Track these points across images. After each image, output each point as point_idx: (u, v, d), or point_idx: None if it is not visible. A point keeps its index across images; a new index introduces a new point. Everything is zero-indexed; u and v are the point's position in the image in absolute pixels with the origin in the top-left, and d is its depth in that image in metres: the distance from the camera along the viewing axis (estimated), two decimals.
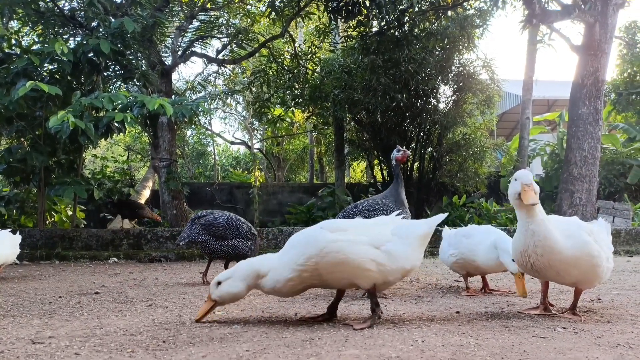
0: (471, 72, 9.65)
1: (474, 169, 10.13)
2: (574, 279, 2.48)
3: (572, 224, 2.51)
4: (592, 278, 2.48)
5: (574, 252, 2.38)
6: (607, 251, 2.54)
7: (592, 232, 2.47)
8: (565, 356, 1.75)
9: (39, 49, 6.51)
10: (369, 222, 2.48)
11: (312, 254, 2.28)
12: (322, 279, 2.33)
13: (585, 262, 2.39)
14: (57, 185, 6.58)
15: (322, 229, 2.35)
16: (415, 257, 2.38)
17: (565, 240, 2.39)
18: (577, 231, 2.43)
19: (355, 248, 2.28)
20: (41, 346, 1.94)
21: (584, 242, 2.40)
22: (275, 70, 10.88)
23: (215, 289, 2.36)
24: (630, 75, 15.06)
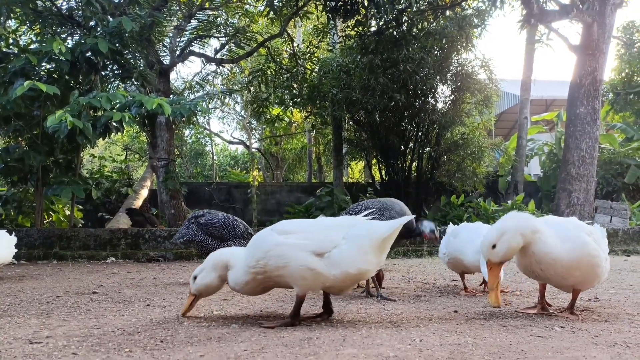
0: (469, 71, 9.66)
1: (472, 169, 10.14)
2: (576, 280, 2.46)
3: (570, 225, 2.47)
4: (592, 278, 2.45)
5: (574, 255, 2.35)
6: (606, 251, 2.53)
7: (591, 232, 2.46)
8: (562, 355, 1.76)
9: (37, 48, 6.49)
10: (320, 225, 2.39)
11: (259, 257, 2.30)
12: (275, 281, 2.34)
13: (586, 263, 2.36)
14: (54, 185, 6.57)
15: (272, 231, 2.37)
16: (369, 261, 2.28)
17: (564, 246, 2.36)
18: (575, 232, 2.39)
19: (296, 254, 2.26)
20: (39, 346, 1.94)
21: (584, 243, 2.36)
22: (273, 69, 10.87)
23: (192, 283, 2.45)
24: (628, 75, 15.10)
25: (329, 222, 2.43)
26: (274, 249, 2.29)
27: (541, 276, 2.45)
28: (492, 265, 2.36)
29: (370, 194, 10.87)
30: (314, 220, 2.49)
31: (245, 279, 2.34)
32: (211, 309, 2.79)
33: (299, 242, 2.28)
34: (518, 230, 2.33)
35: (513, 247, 2.34)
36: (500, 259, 2.35)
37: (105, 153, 17.04)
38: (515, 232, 2.33)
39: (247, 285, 2.37)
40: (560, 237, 2.38)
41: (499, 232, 2.34)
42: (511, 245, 2.33)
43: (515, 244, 2.33)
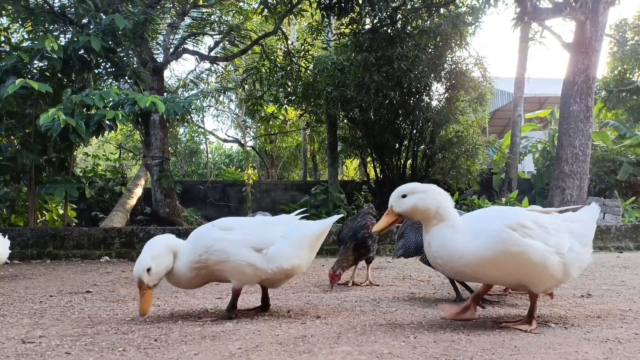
0: (463, 69, 9.69)
1: (467, 166, 10.18)
2: (507, 280, 2.21)
3: (488, 218, 2.19)
4: (536, 278, 2.13)
5: (483, 253, 2.06)
6: (562, 243, 2.17)
7: (522, 224, 2.12)
8: (555, 351, 1.77)
9: (29, 46, 6.44)
10: (258, 222, 2.52)
11: (201, 251, 2.36)
12: (216, 275, 2.41)
13: (508, 260, 2.07)
14: (48, 184, 6.52)
15: (214, 227, 2.44)
16: (302, 258, 2.45)
17: (471, 242, 2.09)
18: (489, 227, 2.10)
19: (236, 249, 2.36)
20: (31, 345, 1.93)
21: (499, 239, 2.06)
22: (268, 67, 10.85)
23: (147, 276, 2.30)
24: (621, 73, 15.20)
25: (267, 220, 2.57)
26: (215, 244, 2.36)
27: (450, 272, 2.20)
28: (391, 212, 2.24)
29: (365, 192, 10.89)
30: (254, 218, 2.62)
31: (190, 275, 2.38)
32: (205, 307, 2.79)
33: (240, 239, 2.39)
34: (432, 195, 2.17)
35: (417, 207, 2.16)
36: (403, 210, 2.19)
37: (98, 151, 16.96)
38: (428, 196, 2.16)
39: (192, 280, 2.41)
40: (473, 232, 2.12)
41: (416, 185, 2.23)
42: (417, 205, 2.16)
43: (422, 206, 2.16)
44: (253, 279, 2.41)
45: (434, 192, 2.19)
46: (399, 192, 2.21)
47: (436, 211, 2.14)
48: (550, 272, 2.12)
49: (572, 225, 2.28)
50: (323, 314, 2.53)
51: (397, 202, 2.21)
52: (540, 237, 2.13)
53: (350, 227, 3.53)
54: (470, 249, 2.08)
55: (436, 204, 2.15)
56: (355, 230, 3.46)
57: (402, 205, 2.19)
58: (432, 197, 2.16)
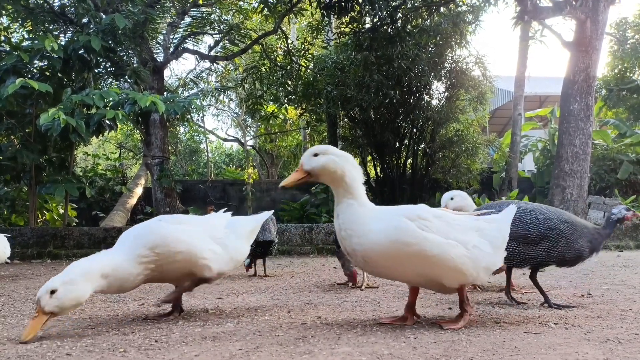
0: (464, 68, 9.68)
1: (467, 165, 10.17)
2: (412, 275, 2.14)
3: (395, 208, 2.17)
4: (442, 272, 2.08)
5: (379, 239, 2.03)
6: (467, 239, 2.11)
7: (422, 217, 2.09)
8: (555, 352, 1.77)
9: (29, 46, 6.44)
10: (202, 218, 2.61)
11: (155, 244, 2.30)
12: (163, 270, 2.37)
13: (402, 250, 2.02)
14: (48, 184, 6.53)
15: (161, 221, 2.44)
16: (245, 250, 2.61)
17: (373, 225, 2.07)
18: (389, 215, 2.09)
19: (194, 238, 2.39)
20: (32, 346, 1.93)
21: (394, 227, 2.03)
22: (268, 66, 10.84)
23: (49, 299, 2.03)
24: (621, 72, 15.19)
25: (211, 216, 2.67)
26: (171, 235, 2.34)
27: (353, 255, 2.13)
28: (300, 169, 2.20)
29: (365, 191, 10.88)
30: (197, 216, 2.69)
31: (137, 271, 2.27)
32: (206, 307, 2.79)
33: (196, 229, 2.44)
34: (343, 162, 2.14)
35: (326, 167, 2.12)
36: (312, 168, 2.15)
37: (99, 151, 16.95)
38: (339, 160, 2.14)
39: (138, 277, 2.28)
40: (378, 217, 2.10)
41: (331, 147, 2.20)
42: (326, 165, 2.12)
43: (331, 168, 2.12)
44: (215, 265, 2.42)
45: (346, 160, 2.17)
46: (311, 151, 2.19)
47: (342, 177, 2.13)
48: (455, 265, 2.08)
49: (483, 225, 2.23)
50: (323, 314, 2.54)
51: (308, 160, 2.17)
52: (441, 231, 2.09)
53: None
54: (371, 233, 2.06)
55: (344, 170, 2.13)
56: None
57: (312, 164, 2.15)
58: (343, 164, 2.14)
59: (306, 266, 5.13)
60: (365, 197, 2.19)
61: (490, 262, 2.18)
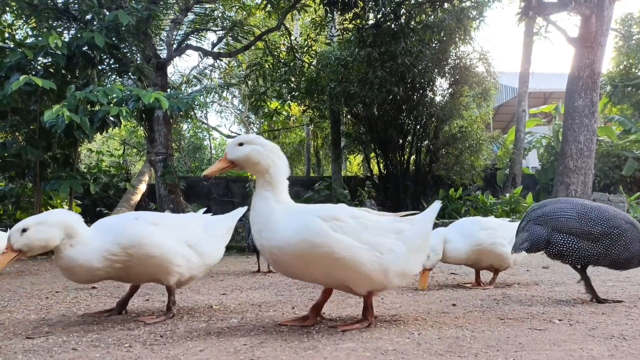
0: (467, 64, 9.64)
1: (470, 162, 10.14)
2: (322, 276, 2.05)
3: (312, 207, 2.10)
4: (350, 276, 2.01)
5: (289, 238, 1.96)
6: (382, 242, 2.04)
7: (336, 217, 2.01)
8: (560, 348, 1.77)
9: (33, 43, 6.45)
10: (180, 219, 2.51)
11: (128, 244, 2.20)
12: (130, 272, 2.27)
13: (311, 251, 1.94)
14: (52, 180, 6.55)
15: (138, 220, 2.33)
16: (220, 252, 2.54)
17: (285, 223, 2.00)
18: (303, 214, 2.01)
19: (169, 243, 2.31)
20: (39, 341, 1.94)
21: (305, 227, 1.95)
22: (271, 63, 10.83)
23: (19, 236, 2.08)
24: (626, 68, 15.09)
25: (184, 216, 2.61)
26: (145, 237, 2.23)
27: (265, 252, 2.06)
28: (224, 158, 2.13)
29: (369, 188, 10.88)
30: (175, 215, 2.62)
31: (98, 265, 2.17)
32: (210, 303, 2.80)
33: (172, 233, 2.35)
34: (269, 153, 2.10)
35: (250, 158, 2.07)
36: (236, 158, 2.08)
37: (102, 148, 16.98)
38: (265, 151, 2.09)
39: (96, 272, 2.19)
40: (293, 215, 2.02)
41: (258, 137, 2.13)
42: (251, 155, 2.07)
43: (255, 158, 2.07)
44: (186, 272, 2.36)
45: (272, 151, 2.11)
46: (236, 140, 2.13)
47: (266, 169, 2.08)
48: (363, 270, 1.99)
49: (404, 227, 2.13)
50: (327, 310, 2.54)
51: (232, 149, 2.11)
52: (355, 234, 2.00)
53: None
54: (281, 230, 1.98)
55: (270, 162, 2.08)
56: None
57: (237, 153, 2.09)
58: (268, 155, 2.09)
59: None
60: (285, 193, 2.12)
61: (406, 267, 2.09)
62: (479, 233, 3.21)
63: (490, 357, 1.66)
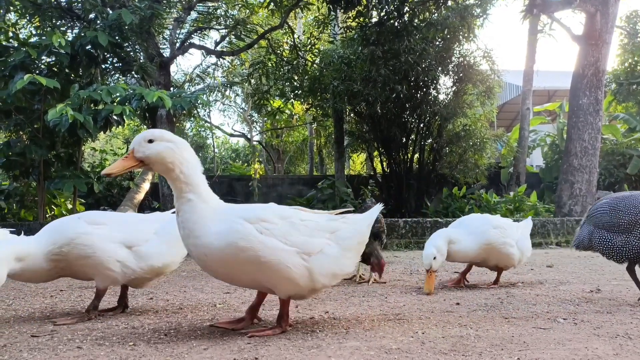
0: (471, 62, 9.60)
1: (474, 160, 10.11)
2: (245, 279, 1.99)
3: (240, 207, 2.00)
4: (274, 281, 1.94)
5: (213, 241, 1.88)
6: (313, 243, 1.96)
7: (263, 218, 1.93)
8: (564, 347, 1.76)
9: (37, 42, 6.47)
10: (131, 219, 2.48)
11: (62, 243, 2.25)
12: (72, 270, 2.32)
13: (236, 255, 1.87)
14: (56, 179, 6.57)
15: (80, 219, 2.34)
16: (174, 254, 2.43)
17: (212, 226, 1.90)
18: (230, 216, 1.92)
19: (104, 245, 2.28)
20: (44, 339, 1.95)
21: (230, 230, 1.87)
22: (274, 61, 10.82)
23: None
24: (631, 65, 15.00)
25: (139, 217, 2.55)
26: (80, 237, 2.26)
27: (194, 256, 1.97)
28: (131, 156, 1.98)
29: (372, 186, 10.87)
30: (125, 214, 2.59)
31: (46, 266, 2.24)
32: (214, 302, 2.80)
33: (109, 235, 2.32)
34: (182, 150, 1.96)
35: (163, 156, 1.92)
36: (146, 156, 1.91)
37: (106, 146, 17.03)
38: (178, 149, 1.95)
39: (48, 272, 2.27)
40: (220, 217, 1.93)
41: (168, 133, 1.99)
42: (163, 154, 1.92)
43: (168, 157, 1.92)
44: (120, 277, 2.32)
45: (184, 148, 1.97)
46: (145, 136, 1.95)
47: (180, 169, 1.93)
48: (289, 275, 1.91)
49: (339, 226, 2.05)
50: (331, 309, 2.54)
51: (140, 146, 1.93)
52: (283, 235, 1.92)
53: None
54: (207, 235, 1.89)
55: (182, 160, 1.94)
56: None
57: (146, 151, 1.91)
58: (181, 153, 1.95)
59: None
60: (207, 192, 1.98)
61: (337, 268, 2.01)
62: (490, 232, 3.15)
63: (494, 356, 1.65)
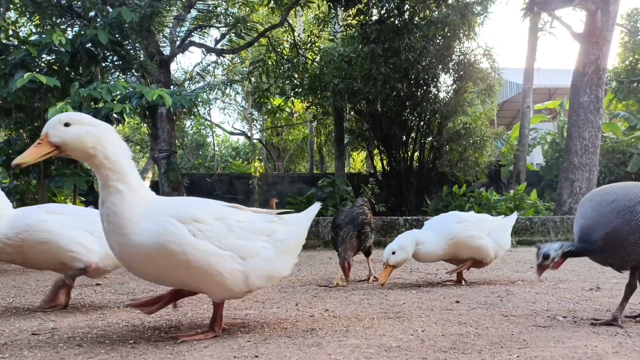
0: (472, 60, 9.59)
1: (475, 159, 10.11)
2: (172, 281, 1.90)
3: (173, 203, 1.88)
4: (206, 286, 1.84)
5: (140, 240, 1.74)
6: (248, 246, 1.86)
7: (197, 218, 1.80)
8: (564, 345, 1.77)
9: (37, 40, 6.46)
10: (92, 211, 2.59)
11: (20, 229, 2.36)
12: (28, 257, 2.43)
13: (164, 257, 1.75)
14: (56, 177, 6.57)
15: (39, 209, 2.46)
16: None
17: (139, 223, 1.75)
18: (161, 214, 1.78)
19: (62, 230, 2.38)
20: (44, 337, 1.95)
21: (159, 231, 1.73)
22: (274, 60, 10.81)
23: None
24: (632, 63, 14.98)
25: (94, 210, 2.62)
26: (38, 224, 2.38)
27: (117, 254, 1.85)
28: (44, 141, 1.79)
29: (372, 184, 10.88)
30: (86, 209, 2.72)
31: (6, 250, 2.38)
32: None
33: (70, 221, 2.42)
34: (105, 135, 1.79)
35: (83, 141, 1.75)
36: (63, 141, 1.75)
37: None
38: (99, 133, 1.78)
39: (8, 256, 2.43)
40: (150, 212, 1.79)
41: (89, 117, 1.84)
42: (84, 138, 1.75)
43: (89, 142, 1.75)
44: (85, 258, 2.43)
45: (108, 131, 1.81)
46: (60, 119, 1.77)
47: (105, 154, 1.76)
48: (221, 279, 1.81)
49: (277, 227, 1.97)
50: (331, 307, 2.54)
51: (56, 129, 1.75)
52: (217, 237, 1.81)
53: (346, 214, 3.46)
54: (134, 233, 1.75)
55: (107, 145, 1.77)
56: (353, 217, 3.41)
57: (63, 135, 1.74)
58: (105, 136, 1.78)
59: (313, 259, 5.15)
60: (137, 182, 1.82)
61: (272, 271, 1.93)
62: (454, 226, 3.13)
63: (494, 354, 1.66)
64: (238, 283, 1.85)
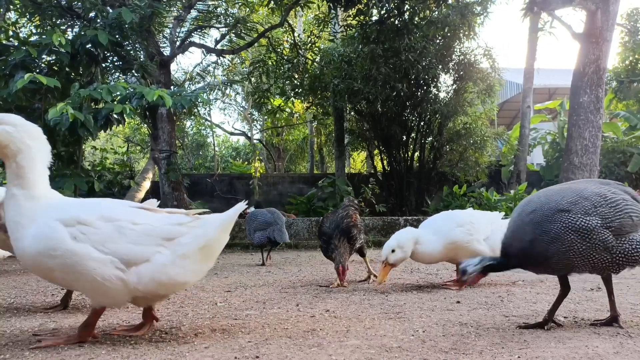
0: (472, 60, 9.59)
1: (475, 159, 10.11)
2: (68, 287, 1.94)
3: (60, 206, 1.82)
4: (88, 291, 1.82)
5: (25, 246, 1.74)
6: (136, 252, 1.77)
7: (82, 221, 1.76)
8: (565, 345, 1.77)
9: (37, 41, 6.46)
10: None
11: None
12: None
13: (46, 263, 1.73)
14: (57, 178, 6.57)
15: None
16: None
17: (27, 227, 1.74)
18: (48, 217, 1.75)
19: None
20: (45, 338, 1.95)
21: (42, 235, 1.71)
22: (274, 60, 10.81)
23: None
24: (632, 63, 14.98)
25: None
26: None
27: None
28: None
29: (372, 185, 10.88)
30: None
31: None
32: (215, 300, 2.81)
33: None
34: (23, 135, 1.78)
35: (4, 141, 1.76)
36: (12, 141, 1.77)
37: (106, 145, 17.03)
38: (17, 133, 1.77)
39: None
40: (44, 213, 1.76)
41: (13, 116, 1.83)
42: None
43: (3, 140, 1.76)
44: None
45: (27, 132, 1.78)
46: None
47: (14, 156, 1.75)
48: (97, 287, 1.75)
49: (180, 231, 1.85)
50: (332, 307, 2.54)
51: None
52: (101, 241, 1.74)
53: (331, 220, 3.45)
54: (25, 238, 1.74)
55: (21, 147, 1.76)
56: (338, 222, 3.39)
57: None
58: (22, 138, 1.75)
59: (313, 260, 5.15)
60: (41, 187, 1.80)
61: (167, 277, 1.80)
62: (455, 231, 3.09)
63: (495, 355, 1.66)
64: (117, 291, 1.76)
